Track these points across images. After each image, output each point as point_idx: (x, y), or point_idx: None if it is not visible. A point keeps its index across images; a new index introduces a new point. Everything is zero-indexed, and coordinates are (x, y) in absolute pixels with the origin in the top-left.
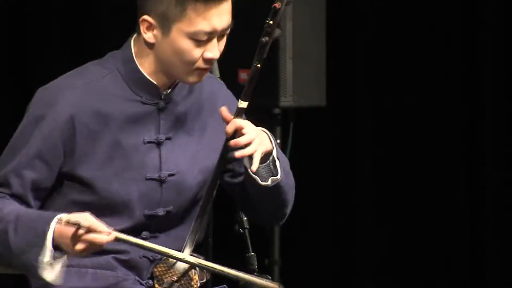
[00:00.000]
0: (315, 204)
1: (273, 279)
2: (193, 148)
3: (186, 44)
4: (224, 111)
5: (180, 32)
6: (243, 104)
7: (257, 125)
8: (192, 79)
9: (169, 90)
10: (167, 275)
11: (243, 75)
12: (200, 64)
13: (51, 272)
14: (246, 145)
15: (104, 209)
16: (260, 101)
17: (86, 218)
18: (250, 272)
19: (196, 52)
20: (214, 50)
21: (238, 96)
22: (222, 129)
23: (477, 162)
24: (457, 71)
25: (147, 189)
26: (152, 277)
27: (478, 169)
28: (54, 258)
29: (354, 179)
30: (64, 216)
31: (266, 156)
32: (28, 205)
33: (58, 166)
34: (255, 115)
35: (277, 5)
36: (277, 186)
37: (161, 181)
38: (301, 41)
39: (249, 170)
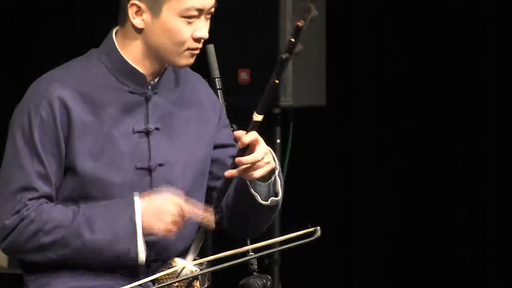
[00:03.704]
0: (315, 204)
1: (273, 279)
2: (181, 140)
3: (178, 23)
4: (238, 134)
5: (171, 11)
6: (259, 118)
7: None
8: (183, 61)
9: (156, 79)
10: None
11: (243, 75)
12: (191, 44)
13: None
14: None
15: (97, 199)
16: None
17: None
18: (250, 272)
19: (187, 32)
20: (203, 28)
21: (236, 95)
22: (206, 125)
23: (477, 162)
24: (457, 71)
25: (138, 178)
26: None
27: (478, 169)
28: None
29: (354, 179)
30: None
31: (269, 174)
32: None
33: (63, 156)
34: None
35: (300, 23)
36: (273, 206)
37: (150, 170)
38: (301, 41)
39: (250, 188)
